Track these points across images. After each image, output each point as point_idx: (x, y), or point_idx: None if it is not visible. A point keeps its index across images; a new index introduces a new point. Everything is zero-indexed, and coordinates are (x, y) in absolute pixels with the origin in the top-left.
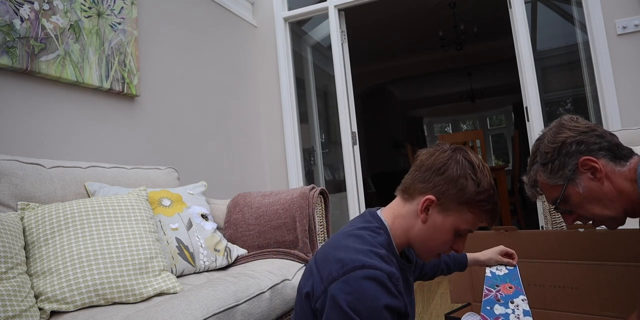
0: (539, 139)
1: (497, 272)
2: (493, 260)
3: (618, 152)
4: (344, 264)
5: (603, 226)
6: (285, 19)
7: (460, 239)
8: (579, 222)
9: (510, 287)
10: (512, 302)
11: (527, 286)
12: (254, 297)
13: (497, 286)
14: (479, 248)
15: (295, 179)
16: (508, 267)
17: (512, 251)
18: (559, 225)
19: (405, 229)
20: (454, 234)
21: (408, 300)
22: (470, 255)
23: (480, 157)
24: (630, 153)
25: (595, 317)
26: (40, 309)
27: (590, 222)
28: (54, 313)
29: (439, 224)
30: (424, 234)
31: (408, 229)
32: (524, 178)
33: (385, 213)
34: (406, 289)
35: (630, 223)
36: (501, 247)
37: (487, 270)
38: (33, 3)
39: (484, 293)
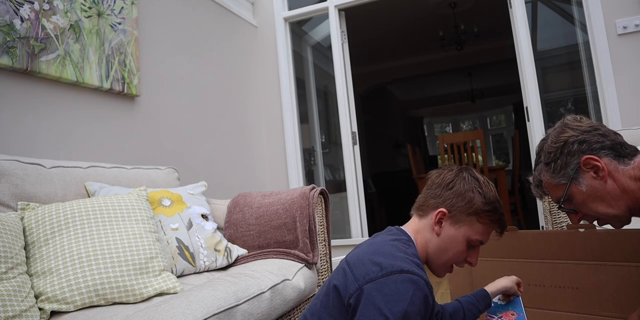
0: (543, 140)
1: (500, 302)
2: (506, 289)
3: (622, 150)
4: (383, 268)
5: (609, 225)
6: (286, 19)
7: (473, 252)
8: (585, 222)
9: (513, 314)
10: None
11: (527, 286)
12: (254, 297)
13: (500, 313)
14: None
15: (296, 179)
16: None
17: (520, 280)
18: (560, 226)
19: (423, 244)
20: (467, 245)
21: None
22: (487, 289)
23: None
24: (634, 151)
25: (596, 317)
26: (40, 309)
27: (595, 221)
28: (54, 313)
29: (452, 235)
30: (439, 246)
31: (426, 243)
32: (530, 178)
33: (409, 230)
34: None
35: (634, 223)
36: (513, 278)
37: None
38: (33, 3)
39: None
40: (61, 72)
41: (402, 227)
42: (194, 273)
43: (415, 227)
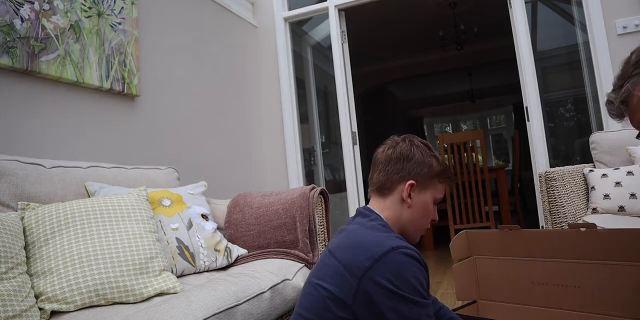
0: None
1: None
2: None
3: None
4: (374, 253)
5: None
6: (286, 19)
7: (434, 209)
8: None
9: None
10: None
11: (530, 284)
12: (255, 297)
13: None
14: (482, 247)
15: (296, 179)
16: None
17: None
18: (559, 225)
19: (395, 220)
20: (433, 204)
21: None
22: None
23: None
24: None
25: (598, 316)
26: (40, 309)
27: None
28: (54, 313)
29: (423, 201)
30: (414, 216)
31: (398, 218)
32: (610, 94)
33: (377, 210)
34: None
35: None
36: None
37: None
38: (33, 3)
39: None
40: (61, 72)
41: (370, 207)
42: (194, 273)
43: (381, 206)
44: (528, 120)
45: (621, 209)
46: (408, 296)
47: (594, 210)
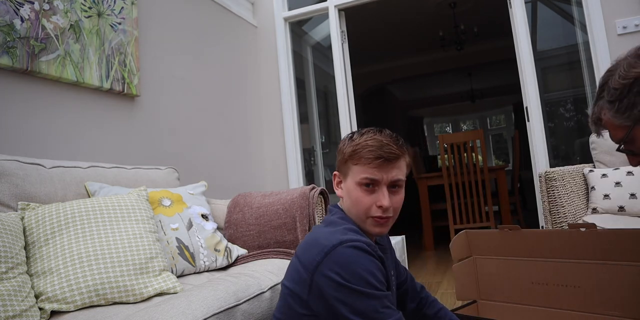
0: (610, 70)
1: None
2: None
3: None
4: (324, 247)
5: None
6: (286, 19)
7: (377, 194)
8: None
9: None
10: None
11: (530, 284)
12: (255, 297)
13: None
14: (482, 247)
15: (296, 179)
16: None
17: None
18: (560, 225)
19: (346, 211)
20: (362, 189)
21: (390, 277)
22: None
23: (391, 132)
24: None
25: (598, 316)
26: (40, 308)
27: None
28: (54, 313)
29: (347, 189)
30: (349, 204)
31: (346, 208)
32: (588, 111)
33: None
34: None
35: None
36: None
37: None
38: (33, 3)
39: None
40: (61, 72)
41: (338, 203)
42: (194, 273)
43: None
44: (528, 121)
45: (621, 209)
46: (357, 288)
47: (594, 210)
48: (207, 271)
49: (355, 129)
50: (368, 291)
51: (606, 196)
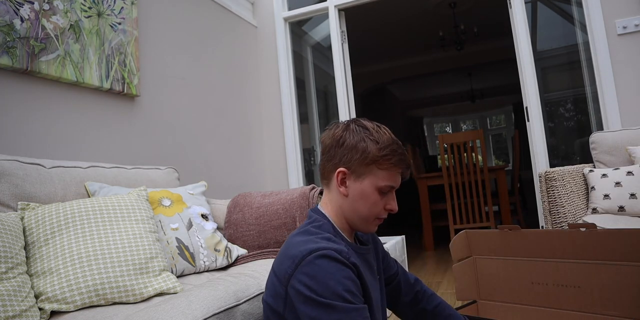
0: None
1: None
2: None
3: None
4: (294, 258)
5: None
6: (285, 19)
7: (388, 198)
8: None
9: None
10: None
11: (530, 284)
12: (255, 297)
13: None
14: (482, 247)
15: (295, 179)
16: None
17: None
18: (559, 225)
19: (337, 211)
20: (379, 194)
21: (370, 282)
22: None
23: (379, 126)
24: None
25: (598, 316)
26: (40, 309)
27: None
28: (54, 313)
29: (360, 190)
30: (352, 205)
31: (339, 209)
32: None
33: (322, 204)
34: (368, 270)
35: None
36: None
37: None
38: (33, 3)
39: None
40: (61, 72)
41: (318, 206)
42: (194, 273)
43: (327, 198)
44: (528, 120)
45: (621, 209)
46: (324, 301)
47: (594, 210)
48: (207, 271)
49: None
50: (336, 304)
51: (606, 196)
